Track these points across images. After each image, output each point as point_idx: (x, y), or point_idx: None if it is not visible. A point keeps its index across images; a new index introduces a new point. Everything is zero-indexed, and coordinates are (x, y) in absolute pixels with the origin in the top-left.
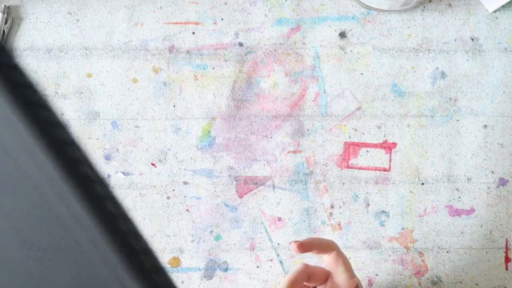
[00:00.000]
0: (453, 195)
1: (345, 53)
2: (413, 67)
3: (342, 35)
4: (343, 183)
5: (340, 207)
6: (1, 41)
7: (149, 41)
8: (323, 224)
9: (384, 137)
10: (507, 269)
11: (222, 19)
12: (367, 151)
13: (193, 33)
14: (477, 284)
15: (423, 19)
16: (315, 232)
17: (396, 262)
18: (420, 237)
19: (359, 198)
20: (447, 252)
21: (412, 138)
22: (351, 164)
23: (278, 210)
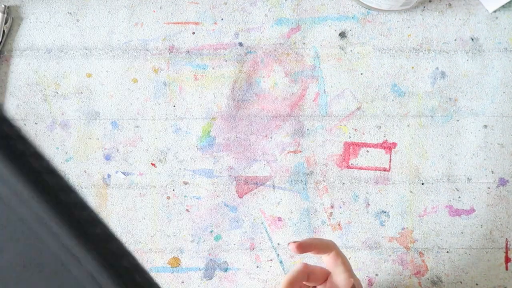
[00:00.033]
0: (453, 195)
1: (345, 53)
2: (413, 67)
3: (342, 35)
4: (343, 183)
5: (340, 207)
6: (1, 41)
7: (149, 41)
8: (323, 224)
9: (384, 137)
10: (507, 269)
11: (222, 19)
12: (367, 151)
13: (193, 33)
14: (477, 284)
15: (423, 19)
16: (315, 232)
17: (396, 262)
18: (420, 237)
19: (359, 198)
20: (447, 252)
21: (412, 138)
22: (351, 164)
23: (278, 210)
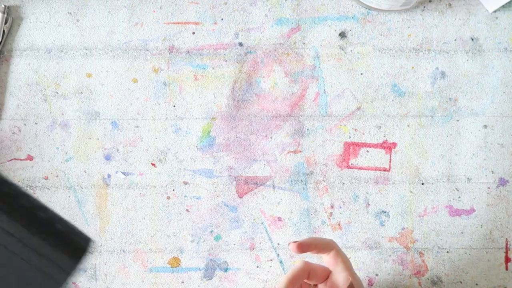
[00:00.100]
0: (453, 195)
1: (345, 53)
2: (413, 67)
3: (342, 35)
4: (343, 183)
5: (340, 207)
6: (1, 41)
7: (149, 41)
8: (323, 224)
9: (384, 137)
10: (507, 269)
11: (222, 19)
12: (367, 151)
13: (193, 33)
14: (477, 284)
15: (423, 19)
16: (315, 232)
17: (396, 262)
18: (420, 237)
19: (359, 198)
20: (447, 252)
21: (412, 138)
22: (351, 164)
23: (278, 210)
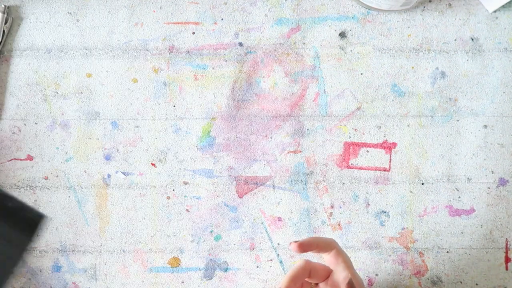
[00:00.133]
0: (453, 195)
1: (345, 53)
2: (413, 67)
3: (342, 35)
4: (343, 183)
5: (340, 207)
6: (1, 41)
7: (149, 41)
8: (323, 224)
9: (384, 137)
10: (507, 269)
11: (222, 19)
12: (367, 151)
13: (193, 33)
14: (477, 284)
15: (423, 19)
16: (315, 232)
17: (396, 262)
18: (420, 237)
19: (359, 198)
20: (447, 252)
21: (412, 138)
22: (351, 164)
23: (278, 210)
